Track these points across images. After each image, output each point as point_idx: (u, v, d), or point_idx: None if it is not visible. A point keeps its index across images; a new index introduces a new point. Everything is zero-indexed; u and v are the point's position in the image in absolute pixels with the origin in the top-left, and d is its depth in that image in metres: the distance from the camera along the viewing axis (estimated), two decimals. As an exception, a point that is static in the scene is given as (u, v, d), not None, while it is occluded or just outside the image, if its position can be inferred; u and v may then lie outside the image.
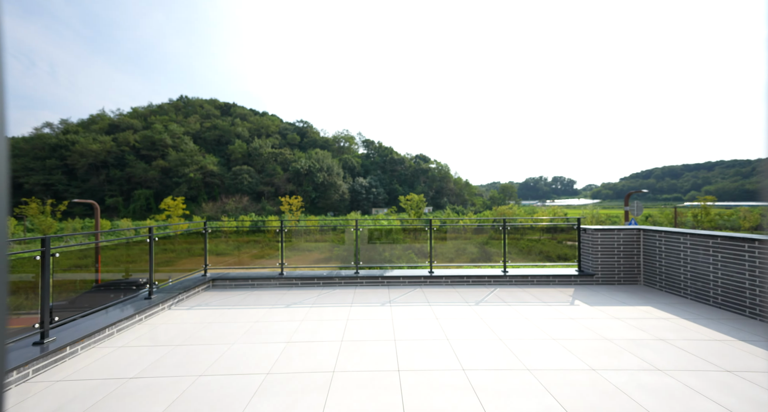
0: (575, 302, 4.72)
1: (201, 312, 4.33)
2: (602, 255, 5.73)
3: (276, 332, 3.65)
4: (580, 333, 3.56)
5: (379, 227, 11.29)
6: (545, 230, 31.90)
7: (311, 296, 5.07)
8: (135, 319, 3.79)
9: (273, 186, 79.32)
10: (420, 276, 5.78)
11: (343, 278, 5.74)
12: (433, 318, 4.06)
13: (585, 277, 5.76)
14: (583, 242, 6.04)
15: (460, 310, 4.38)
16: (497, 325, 3.81)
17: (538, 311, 4.32)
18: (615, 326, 3.74)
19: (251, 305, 4.62)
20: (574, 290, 5.41)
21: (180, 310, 4.41)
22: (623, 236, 5.72)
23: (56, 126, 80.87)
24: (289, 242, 28.85)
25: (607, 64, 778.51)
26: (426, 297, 5.00)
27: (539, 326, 3.76)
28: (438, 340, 3.40)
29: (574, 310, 4.35)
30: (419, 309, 4.41)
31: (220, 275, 5.76)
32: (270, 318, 4.09)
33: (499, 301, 4.79)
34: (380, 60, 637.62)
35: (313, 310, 4.42)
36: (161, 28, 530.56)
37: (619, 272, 5.71)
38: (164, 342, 3.36)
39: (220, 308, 4.49)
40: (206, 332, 3.63)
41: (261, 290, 5.45)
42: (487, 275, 5.80)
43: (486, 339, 3.41)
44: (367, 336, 3.52)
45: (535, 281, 5.77)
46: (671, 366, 2.79)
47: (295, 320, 4.01)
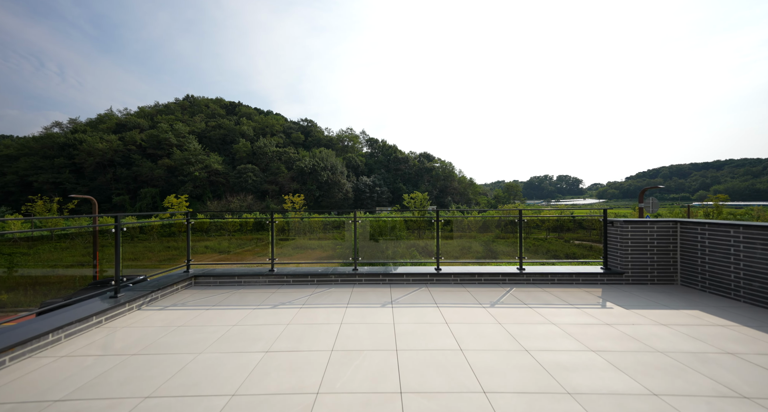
0: (607, 304, 4.06)
1: (174, 313, 3.76)
2: (633, 251, 5.05)
3: (255, 338, 3.06)
4: (623, 343, 2.91)
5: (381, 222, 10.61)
6: (552, 228, 30.92)
7: (303, 296, 4.48)
8: (91, 321, 3.23)
9: (277, 185, 79.12)
10: (426, 274, 5.15)
11: (339, 275, 5.14)
12: (443, 323, 3.44)
13: (613, 275, 5.09)
14: (610, 237, 5.36)
15: (474, 313, 3.75)
16: (519, 331, 3.18)
17: (565, 314, 3.68)
18: (664, 335, 3.08)
19: (233, 306, 4.04)
20: (601, 290, 4.74)
21: (150, 310, 3.84)
22: (657, 230, 5.03)
23: (65, 125, 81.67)
24: (292, 240, 28.20)
25: (615, 63, 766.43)
26: (433, 297, 4.38)
27: (571, 334, 3.12)
28: (449, 351, 2.78)
29: (607, 314, 3.70)
30: (426, 311, 3.80)
31: (203, 272, 5.19)
32: (251, 321, 3.51)
33: (518, 302, 4.15)
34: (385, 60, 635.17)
35: (303, 311, 3.82)
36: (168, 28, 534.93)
37: (652, 271, 5.02)
38: (118, 350, 2.79)
39: (197, 309, 3.92)
40: (173, 338, 3.05)
41: (248, 289, 4.87)
42: (501, 272, 5.16)
43: (508, 350, 2.79)
44: (364, 344, 2.91)
45: (555, 280, 5.11)
46: (759, 392, 2.13)
47: (281, 324, 3.42)
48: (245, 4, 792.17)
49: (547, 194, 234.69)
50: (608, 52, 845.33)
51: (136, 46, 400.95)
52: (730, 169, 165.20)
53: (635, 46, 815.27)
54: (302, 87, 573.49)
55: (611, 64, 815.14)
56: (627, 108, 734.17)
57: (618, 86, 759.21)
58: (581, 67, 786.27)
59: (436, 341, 2.97)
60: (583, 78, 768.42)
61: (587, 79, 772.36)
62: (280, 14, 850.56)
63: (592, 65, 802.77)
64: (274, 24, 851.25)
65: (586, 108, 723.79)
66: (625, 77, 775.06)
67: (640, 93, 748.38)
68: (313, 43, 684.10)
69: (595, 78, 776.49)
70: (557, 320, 3.51)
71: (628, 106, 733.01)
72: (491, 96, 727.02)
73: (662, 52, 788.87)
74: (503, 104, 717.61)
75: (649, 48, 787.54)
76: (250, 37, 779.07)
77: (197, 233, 35.71)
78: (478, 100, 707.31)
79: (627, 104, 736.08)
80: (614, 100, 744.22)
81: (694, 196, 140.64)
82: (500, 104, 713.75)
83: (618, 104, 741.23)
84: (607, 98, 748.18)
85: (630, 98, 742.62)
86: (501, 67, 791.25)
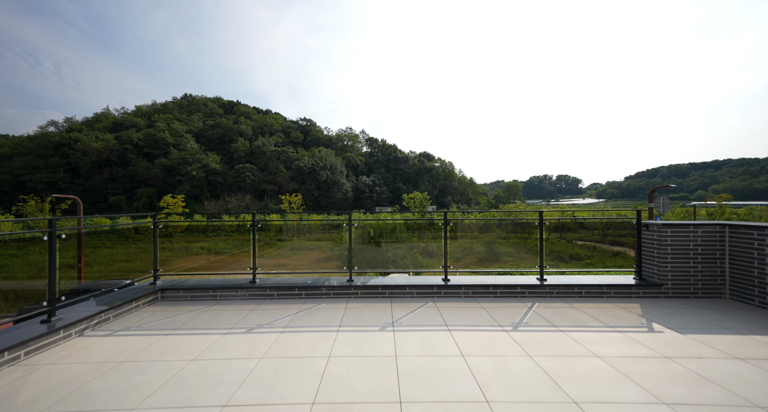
0: (654, 327, 3.35)
1: (122, 341, 3.03)
2: (673, 259, 4.34)
3: (214, 382, 2.34)
4: (700, 389, 2.19)
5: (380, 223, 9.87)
6: (553, 228, 30.03)
7: (287, 314, 3.75)
8: (3, 358, 2.49)
9: (276, 184, 78.34)
10: (432, 285, 4.44)
11: (332, 288, 4.41)
12: (457, 355, 2.72)
13: (649, 287, 4.38)
14: (644, 242, 4.64)
15: (494, 339, 3.03)
16: (558, 369, 2.46)
17: (607, 341, 2.96)
18: (748, 376, 2.36)
19: (198, 329, 3.32)
20: (639, 305, 4.03)
21: (95, 337, 3.12)
22: (701, 234, 4.32)
23: (61, 124, 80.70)
24: (290, 240, 27.21)
25: (613, 63, 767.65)
26: (442, 316, 3.66)
27: (625, 374, 2.40)
28: (471, 403, 2.06)
29: (660, 341, 2.98)
30: (435, 337, 3.08)
31: (173, 284, 4.46)
32: (216, 353, 2.78)
33: (545, 324, 3.43)
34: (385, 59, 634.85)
35: (284, 338, 3.10)
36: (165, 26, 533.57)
37: (695, 282, 4.31)
38: (18, 407, 2.06)
39: (154, 334, 3.19)
40: (103, 383, 2.32)
41: (223, 304, 4.14)
42: (519, 284, 4.44)
43: (551, 402, 2.07)
44: (357, 392, 2.19)
45: (583, 292, 4.40)
46: None
47: (252, 358, 2.69)
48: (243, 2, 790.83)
49: (546, 194, 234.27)
50: (607, 52, 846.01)
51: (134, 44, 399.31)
52: (728, 169, 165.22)
53: (634, 46, 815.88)
54: (301, 86, 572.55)
55: (610, 63, 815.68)
56: (625, 108, 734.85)
57: (617, 86, 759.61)
58: (580, 67, 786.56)
59: (453, 387, 2.25)
60: (582, 78, 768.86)
61: (586, 79, 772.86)
62: (278, 12, 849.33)
63: (590, 65, 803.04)
64: (272, 22, 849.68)
65: (585, 108, 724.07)
66: (623, 77, 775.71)
67: (638, 93, 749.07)
68: (312, 41, 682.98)
69: (594, 78, 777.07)
70: (600, 350, 2.80)
71: (627, 105, 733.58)
72: (491, 95, 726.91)
73: (661, 52, 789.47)
74: (503, 104, 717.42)
75: (647, 48, 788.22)
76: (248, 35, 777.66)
77: (194, 233, 35.01)
78: (477, 99, 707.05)
79: (625, 104, 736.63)
80: (613, 100, 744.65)
81: (692, 195, 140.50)
82: (500, 104, 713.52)
83: (617, 104, 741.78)
84: (605, 98, 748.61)
85: (628, 98, 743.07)
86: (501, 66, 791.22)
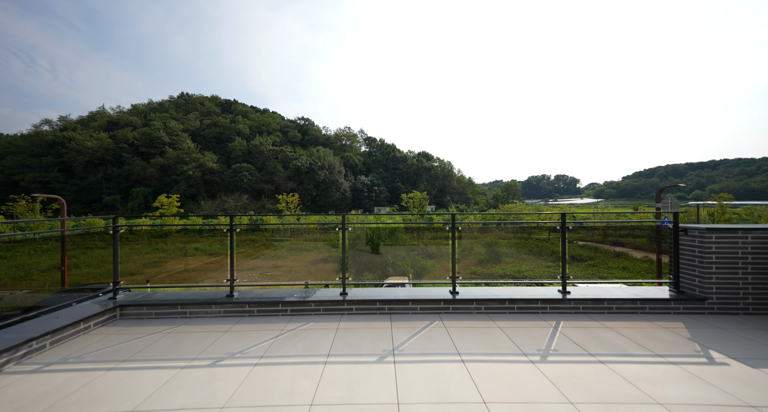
0: (713, 355, 2.74)
1: (51, 380, 2.39)
2: (718, 269, 3.73)
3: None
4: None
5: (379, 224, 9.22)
6: (553, 228, 29.38)
7: (266, 338, 3.12)
8: None
9: (273, 184, 77.53)
10: (439, 300, 3.81)
11: (322, 303, 3.78)
12: (479, 401, 2.10)
13: (690, 302, 3.77)
14: (683, 249, 4.03)
15: (520, 375, 2.41)
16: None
17: (664, 378, 2.35)
18: None
19: (154, 361, 2.68)
20: (683, 325, 3.43)
21: (18, 374, 2.47)
22: (752, 240, 3.71)
23: (55, 123, 79.51)
24: (287, 240, 26.31)
25: (611, 63, 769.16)
26: (453, 341, 3.04)
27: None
28: None
29: (728, 377, 2.37)
30: (447, 373, 2.45)
31: (135, 300, 3.81)
32: (165, 399, 2.15)
33: (579, 352, 2.82)
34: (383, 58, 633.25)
35: (258, 373, 2.47)
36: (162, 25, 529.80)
37: (745, 296, 3.71)
38: None
39: (95, 369, 2.55)
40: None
41: (192, 324, 3.50)
42: (539, 298, 3.83)
43: None
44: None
45: (614, 308, 3.79)
46: None
47: (212, 408, 2.06)
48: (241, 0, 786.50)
49: (545, 194, 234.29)
50: (605, 53, 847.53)
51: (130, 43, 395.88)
52: (724, 168, 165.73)
53: (632, 46, 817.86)
54: (300, 85, 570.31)
55: (608, 64, 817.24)
56: (623, 108, 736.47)
57: (615, 86, 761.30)
58: (578, 68, 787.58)
59: (478, 461, 1.63)
60: (580, 78, 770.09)
61: (584, 79, 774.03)
62: (277, 11, 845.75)
63: (589, 65, 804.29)
64: (270, 21, 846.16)
65: (583, 108, 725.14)
66: (622, 77, 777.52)
67: (636, 93, 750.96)
68: (311, 41, 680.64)
69: (592, 78, 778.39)
70: (659, 393, 2.18)
71: (625, 106, 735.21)
72: (490, 95, 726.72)
73: (658, 54, 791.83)
74: (501, 104, 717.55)
75: (645, 49, 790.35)
76: (246, 34, 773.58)
77: (189, 234, 34.26)
78: (476, 99, 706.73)
79: (623, 104, 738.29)
80: (611, 101, 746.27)
81: (690, 195, 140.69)
82: (498, 104, 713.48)
83: (615, 104, 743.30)
84: (604, 98, 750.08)
85: (626, 98, 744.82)
86: (499, 66, 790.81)
